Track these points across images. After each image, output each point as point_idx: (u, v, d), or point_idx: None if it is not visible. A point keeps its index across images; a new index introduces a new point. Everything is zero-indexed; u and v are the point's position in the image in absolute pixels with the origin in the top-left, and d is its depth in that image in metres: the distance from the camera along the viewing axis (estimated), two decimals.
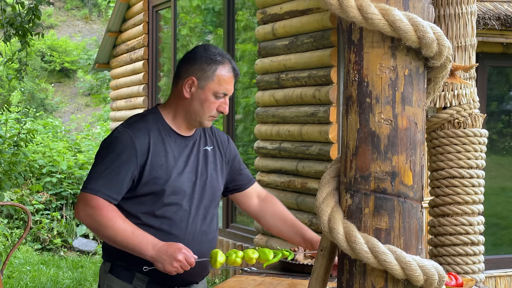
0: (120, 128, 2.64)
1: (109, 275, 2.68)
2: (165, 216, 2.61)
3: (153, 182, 2.57)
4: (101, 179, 2.54)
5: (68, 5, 23.18)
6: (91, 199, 2.52)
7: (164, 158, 2.60)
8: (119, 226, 2.49)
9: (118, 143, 2.57)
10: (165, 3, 8.74)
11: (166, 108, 2.71)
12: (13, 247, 3.20)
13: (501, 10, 5.23)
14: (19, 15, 7.12)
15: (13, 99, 17.81)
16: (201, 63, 2.63)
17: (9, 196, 9.43)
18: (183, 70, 2.67)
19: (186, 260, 2.46)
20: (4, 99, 18.10)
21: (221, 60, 2.63)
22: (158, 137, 2.62)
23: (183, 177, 2.63)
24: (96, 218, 2.51)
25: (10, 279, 7.46)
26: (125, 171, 2.54)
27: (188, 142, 2.71)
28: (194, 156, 2.70)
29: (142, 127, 2.62)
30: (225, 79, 2.63)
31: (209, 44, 2.78)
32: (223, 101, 2.65)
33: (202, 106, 2.62)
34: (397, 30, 1.44)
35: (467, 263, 2.97)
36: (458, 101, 3.00)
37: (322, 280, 1.65)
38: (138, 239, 2.48)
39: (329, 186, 1.56)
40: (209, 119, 2.67)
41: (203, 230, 2.69)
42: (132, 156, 2.55)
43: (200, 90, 2.62)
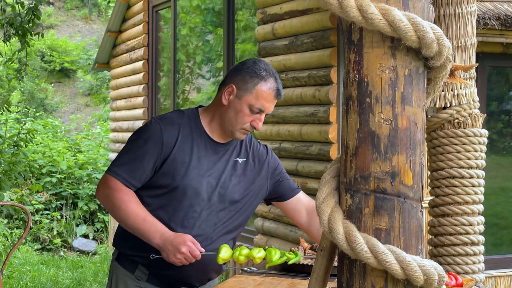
0: (154, 119, 2.71)
1: (115, 263, 2.76)
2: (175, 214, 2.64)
3: (171, 176, 2.62)
4: (124, 164, 2.63)
5: (68, 5, 23.18)
6: (110, 180, 2.61)
7: (188, 157, 2.64)
8: (132, 209, 2.56)
9: (147, 132, 2.65)
10: (165, 3, 8.74)
11: (206, 111, 2.75)
12: (13, 247, 3.20)
13: (501, 10, 5.23)
14: (19, 15, 7.12)
15: (13, 99, 17.81)
16: (245, 74, 2.67)
17: (9, 196, 9.43)
18: (229, 77, 2.72)
19: (190, 252, 2.48)
20: (4, 99, 18.11)
21: (264, 76, 2.67)
22: (188, 135, 2.66)
23: (202, 180, 2.65)
24: (112, 199, 2.60)
25: (10, 279, 7.46)
26: (148, 160, 2.60)
27: (220, 149, 2.73)
28: (222, 164, 2.72)
29: (175, 122, 2.68)
30: (264, 95, 2.65)
31: (261, 59, 2.79)
32: (258, 117, 2.67)
33: (236, 116, 2.65)
34: (397, 30, 1.44)
35: (467, 263, 2.97)
36: (458, 101, 3.00)
37: (322, 280, 1.65)
38: (148, 226, 2.54)
39: (329, 186, 1.56)
40: (241, 132, 2.68)
41: (209, 236, 2.69)
42: (158, 147, 2.61)
43: (237, 100, 2.65)
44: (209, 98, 8.46)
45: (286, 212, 3.00)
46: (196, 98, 8.85)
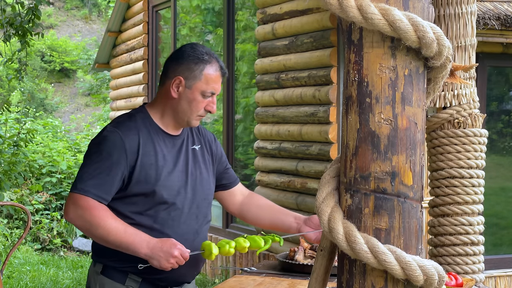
0: (109, 127, 2.61)
1: (101, 277, 2.65)
2: (158, 216, 2.59)
3: (144, 182, 2.56)
4: (91, 179, 2.51)
5: (68, 5, 23.18)
6: (80, 199, 2.49)
7: (153, 158, 2.58)
8: (111, 225, 2.47)
9: (108, 143, 2.55)
10: (165, 3, 8.74)
11: (154, 108, 2.69)
12: (13, 247, 3.20)
13: (501, 10, 5.23)
14: (19, 15, 7.12)
15: (13, 99, 17.81)
16: (189, 62, 2.61)
17: (9, 196, 9.43)
18: (171, 69, 2.65)
19: (181, 255, 2.45)
20: (4, 99, 18.11)
21: (208, 59, 2.62)
22: (147, 136, 2.60)
23: (173, 177, 2.62)
24: (87, 218, 2.48)
25: (10, 279, 7.46)
26: (115, 171, 2.52)
27: (177, 141, 2.70)
28: (184, 155, 2.69)
29: (132, 126, 2.60)
30: (213, 78, 2.62)
31: (196, 43, 2.73)
32: (211, 100, 2.64)
33: (190, 106, 2.61)
34: (397, 30, 1.44)
35: (467, 263, 2.97)
36: (458, 101, 3.00)
37: (322, 280, 1.65)
38: (131, 238, 2.47)
39: (329, 186, 1.56)
40: (197, 119, 2.66)
41: (195, 229, 2.68)
42: (122, 156, 2.53)
43: (187, 90, 2.60)
44: None
45: (223, 200, 2.96)
46: None
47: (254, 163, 6.41)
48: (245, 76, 7.28)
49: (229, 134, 7.16)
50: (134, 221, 2.57)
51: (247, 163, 7.29)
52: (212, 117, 8.42)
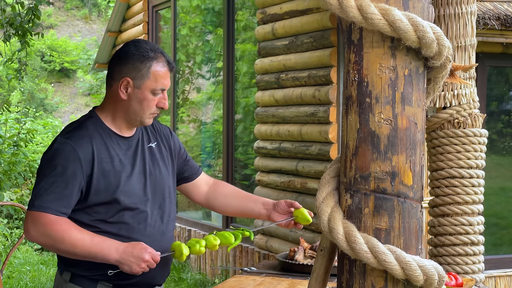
0: (59, 139, 2.51)
1: (70, 285, 2.57)
2: (122, 222, 2.53)
3: (104, 191, 2.49)
4: (48, 194, 2.43)
5: (68, 5, 23.19)
6: (40, 216, 2.41)
7: (110, 164, 2.51)
8: (76, 237, 2.40)
9: (60, 155, 2.46)
10: (165, 3, 8.74)
11: (104, 111, 2.60)
12: (13, 247, 3.20)
13: (501, 10, 5.23)
14: (19, 15, 7.12)
15: (12, 99, 17.81)
16: (134, 61, 2.52)
17: (9, 196, 9.43)
18: (116, 70, 2.56)
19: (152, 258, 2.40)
20: (4, 99, 18.10)
21: (154, 56, 2.53)
22: (101, 143, 2.52)
23: (132, 180, 2.55)
24: (50, 234, 2.41)
25: (10, 279, 7.46)
26: (72, 183, 2.44)
27: (131, 142, 2.62)
28: (140, 156, 2.62)
29: (84, 135, 2.51)
30: (161, 74, 2.53)
31: (139, 39, 2.64)
32: (162, 97, 2.55)
33: (141, 106, 2.53)
34: (397, 30, 1.44)
35: (467, 263, 2.97)
36: (458, 101, 3.00)
37: (322, 280, 1.65)
38: (99, 246, 2.40)
39: (329, 186, 1.56)
40: (150, 117, 2.58)
41: (161, 230, 2.62)
42: (77, 167, 2.45)
43: (137, 90, 2.52)
44: (209, 98, 8.46)
45: (188, 192, 2.90)
46: (196, 98, 8.86)
47: (254, 163, 6.41)
48: (245, 76, 7.27)
49: (229, 134, 7.16)
50: (99, 230, 2.50)
51: (247, 163, 7.29)
52: (212, 117, 8.42)
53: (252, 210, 2.79)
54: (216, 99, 8.08)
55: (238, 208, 2.84)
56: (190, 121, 9.00)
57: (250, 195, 2.85)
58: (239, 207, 2.83)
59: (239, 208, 2.84)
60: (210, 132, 8.28)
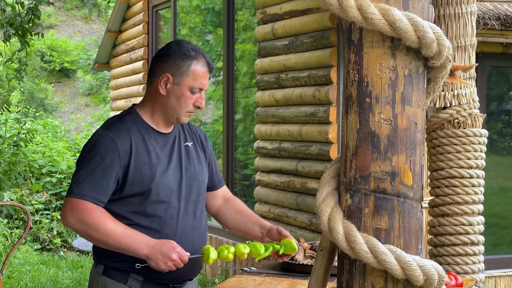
0: (100, 130, 2.62)
1: (103, 277, 2.66)
2: (155, 215, 2.60)
3: (139, 182, 2.57)
4: (86, 183, 2.52)
5: (68, 5, 23.18)
6: (78, 203, 2.50)
7: (147, 157, 2.60)
8: (110, 227, 2.49)
9: (100, 146, 2.56)
10: (165, 3, 8.74)
11: (143, 107, 2.70)
12: (13, 247, 3.20)
13: (501, 10, 5.23)
14: (19, 15, 7.12)
15: (12, 99, 17.80)
16: (175, 59, 2.62)
17: (9, 196, 9.43)
18: (157, 67, 2.65)
19: (180, 258, 2.46)
20: (4, 99, 18.10)
21: (195, 55, 2.62)
22: (139, 136, 2.62)
23: (168, 174, 2.63)
24: (86, 222, 2.49)
25: (10, 279, 7.46)
26: (110, 173, 2.53)
27: (169, 139, 2.70)
28: (177, 152, 2.70)
29: (123, 127, 2.61)
30: (200, 74, 2.62)
31: (181, 39, 2.77)
32: (199, 96, 2.64)
33: (179, 102, 2.62)
34: (397, 30, 1.44)
35: (467, 263, 2.97)
36: (458, 101, 3.00)
37: (322, 280, 1.65)
38: (130, 239, 2.48)
39: (329, 186, 1.56)
40: (186, 115, 2.67)
41: (193, 226, 2.68)
42: (115, 158, 2.54)
43: (175, 86, 2.61)
44: (209, 98, 8.46)
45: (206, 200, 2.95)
46: None
47: (254, 163, 6.41)
48: (245, 76, 7.27)
49: (229, 134, 7.16)
50: (131, 222, 2.58)
51: (247, 163, 7.29)
52: (212, 117, 8.42)
53: (250, 230, 2.85)
54: (216, 99, 8.08)
55: (237, 225, 2.90)
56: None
57: (252, 216, 2.90)
58: (239, 224, 2.89)
59: (239, 226, 2.90)
60: (210, 132, 8.29)
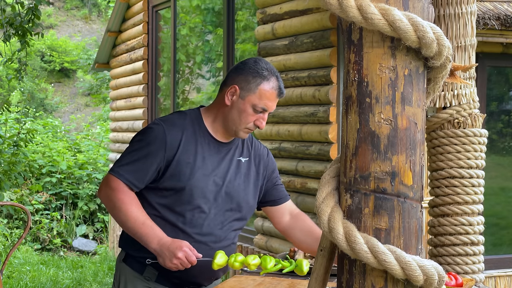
0: (156, 120, 2.72)
1: (123, 264, 2.77)
2: (182, 214, 2.66)
3: (177, 178, 2.63)
4: (127, 164, 2.63)
5: (67, 5, 23.18)
6: (113, 180, 2.62)
7: (192, 157, 2.65)
8: (132, 212, 2.58)
9: (150, 134, 2.66)
10: (165, 3, 8.74)
11: (208, 111, 2.76)
12: (13, 247, 3.20)
13: (501, 10, 5.23)
14: (19, 15, 7.12)
15: (12, 99, 17.81)
16: (247, 74, 2.67)
17: (9, 196, 9.43)
18: (230, 78, 2.72)
19: (186, 258, 2.49)
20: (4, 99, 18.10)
21: (267, 76, 2.67)
22: (191, 136, 2.68)
23: (208, 180, 2.67)
24: (113, 200, 2.61)
25: (10, 279, 7.46)
26: (151, 162, 2.62)
27: (223, 148, 2.75)
28: (226, 163, 2.74)
29: (178, 123, 2.69)
30: (267, 94, 2.67)
31: (262, 58, 2.79)
32: (261, 116, 2.69)
33: (239, 116, 2.67)
34: (397, 30, 1.44)
35: (467, 263, 2.97)
36: (458, 101, 3.00)
37: (322, 280, 1.65)
38: (146, 230, 2.55)
39: (329, 186, 1.56)
40: (245, 131, 2.71)
41: (217, 236, 2.71)
42: (161, 149, 2.62)
43: (240, 100, 2.66)
44: (209, 98, 8.46)
45: (271, 216, 2.99)
46: (196, 98, 8.85)
47: None
48: None
49: None
50: (159, 214, 2.66)
51: None
52: None
53: None
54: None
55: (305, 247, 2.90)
56: None
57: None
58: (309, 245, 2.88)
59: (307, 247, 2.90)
60: None
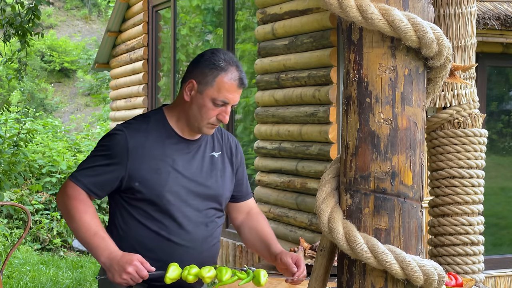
0: (119, 126, 2.59)
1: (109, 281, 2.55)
2: (163, 222, 2.53)
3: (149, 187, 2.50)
4: (87, 170, 2.51)
5: (67, 5, 23.19)
6: (70, 186, 2.50)
7: (161, 162, 2.52)
8: (85, 221, 2.45)
9: (112, 141, 2.53)
10: (165, 3, 8.74)
11: (171, 110, 2.63)
12: (13, 247, 3.20)
13: (501, 10, 5.23)
14: (19, 15, 7.12)
15: (12, 99, 17.81)
16: (204, 67, 2.53)
17: (9, 196, 9.43)
18: (188, 72, 2.59)
19: (137, 272, 2.35)
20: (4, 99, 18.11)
21: (224, 67, 2.51)
22: (157, 139, 2.54)
23: (182, 183, 2.55)
24: (67, 207, 2.49)
25: (10, 279, 7.46)
26: (112, 169, 2.50)
27: (192, 146, 2.61)
28: (198, 161, 2.61)
29: (141, 128, 2.55)
30: (226, 87, 2.50)
31: (220, 49, 2.62)
32: (224, 110, 2.53)
33: (200, 112, 2.52)
34: (397, 30, 1.44)
35: (467, 263, 2.97)
36: (458, 101, 3.00)
37: (322, 280, 1.65)
38: (97, 242, 2.42)
39: (329, 186, 1.56)
40: (208, 127, 2.56)
41: (204, 237, 2.60)
42: (123, 157, 2.49)
43: (199, 95, 2.52)
44: None
45: (228, 212, 2.85)
46: None
47: (254, 163, 6.41)
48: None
49: None
50: (142, 224, 2.53)
51: (247, 163, 7.28)
52: None
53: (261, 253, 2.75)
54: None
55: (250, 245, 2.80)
56: None
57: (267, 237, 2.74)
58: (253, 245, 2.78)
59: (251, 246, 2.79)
60: None
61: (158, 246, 2.52)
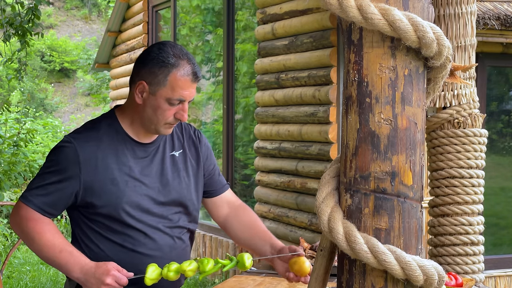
0: (66, 137, 2.37)
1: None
2: (126, 234, 2.37)
3: (106, 199, 2.33)
4: (38, 189, 2.33)
5: (67, 5, 23.19)
6: (22, 208, 2.33)
7: (117, 172, 2.34)
8: (46, 241, 2.29)
9: (60, 155, 2.34)
10: (165, 3, 8.74)
11: (123, 113, 2.42)
12: (13, 247, 3.20)
13: (501, 10, 5.23)
14: (19, 15, 7.12)
15: (12, 99, 17.82)
16: (152, 66, 2.31)
17: (9, 196, 9.44)
18: (135, 72, 2.36)
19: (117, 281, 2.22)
20: (4, 99, 18.11)
21: (174, 63, 2.29)
22: (110, 148, 2.36)
23: (141, 190, 2.37)
24: (24, 230, 2.32)
25: (10, 279, 7.46)
26: (65, 185, 2.32)
27: (149, 149, 2.43)
28: (158, 164, 2.43)
29: (92, 137, 2.36)
30: (179, 84, 2.29)
31: (167, 42, 2.38)
32: (181, 108, 2.33)
33: (155, 114, 2.32)
34: (397, 30, 1.44)
35: (467, 263, 2.97)
36: (458, 101, 3.00)
37: (322, 280, 1.65)
38: (65, 258, 2.27)
39: (329, 186, 1.56)
40: (166, 127, 2.36)
41: (171, 245, 2.45)
42: (75, 171, 2.31)
43: (152, 96, 2.31)
44: (209, 98, 8.47)
45: (208, 209, 2.68)
46: (196, 98, 8.86)
47: (254, 163, 6.41)
48: (245, 76, 7.27)
49: (229, 134, 7.16)
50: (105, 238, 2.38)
51: (247, 163, 7.29)
52: (212, 117, 8.42)
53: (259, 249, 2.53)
54: (216, 99, 8.08)
55: (244, 242, 2.61)
56: (190, 121, 9.01)
57: (263, 232, 2.56)
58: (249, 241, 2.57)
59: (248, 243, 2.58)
60: (210, 132, 8.29)
61: (124, 259, 2.37)
